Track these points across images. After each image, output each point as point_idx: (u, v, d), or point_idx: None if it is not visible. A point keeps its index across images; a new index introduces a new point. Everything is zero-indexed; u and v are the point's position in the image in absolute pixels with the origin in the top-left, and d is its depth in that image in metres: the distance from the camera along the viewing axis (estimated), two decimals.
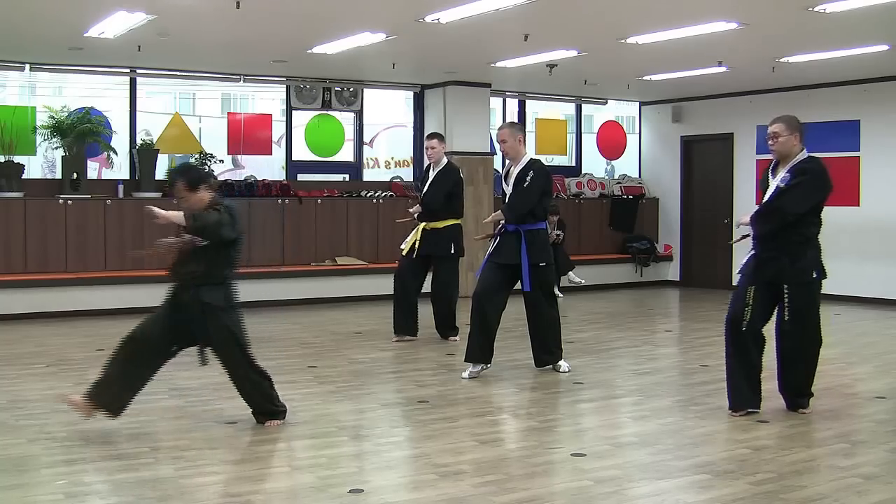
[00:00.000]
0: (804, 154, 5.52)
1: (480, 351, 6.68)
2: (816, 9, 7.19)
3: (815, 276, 5.49)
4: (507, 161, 6.92)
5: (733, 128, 12.80)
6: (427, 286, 8.29)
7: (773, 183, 5.49)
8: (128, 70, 10.78)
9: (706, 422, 5.49)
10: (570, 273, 12.22)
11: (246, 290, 10.44)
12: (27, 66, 10.38)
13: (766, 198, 5.51)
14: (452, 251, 8.14)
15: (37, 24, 8.15)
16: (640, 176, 14.34)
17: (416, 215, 8.22)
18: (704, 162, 13.46)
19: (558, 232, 12.31)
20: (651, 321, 10.45)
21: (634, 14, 7.71)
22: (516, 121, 7.23)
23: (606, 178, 14.25)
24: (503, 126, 6.94)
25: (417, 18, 7.68)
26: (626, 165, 14.75)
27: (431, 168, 8.28)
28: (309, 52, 9.41)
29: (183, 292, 5.05)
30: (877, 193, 11.32)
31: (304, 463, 4.73)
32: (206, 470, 4.49)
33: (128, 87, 11.01)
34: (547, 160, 14.09)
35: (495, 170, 12.64)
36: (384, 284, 9.62)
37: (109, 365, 5.01)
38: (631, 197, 13.77)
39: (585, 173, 13.99)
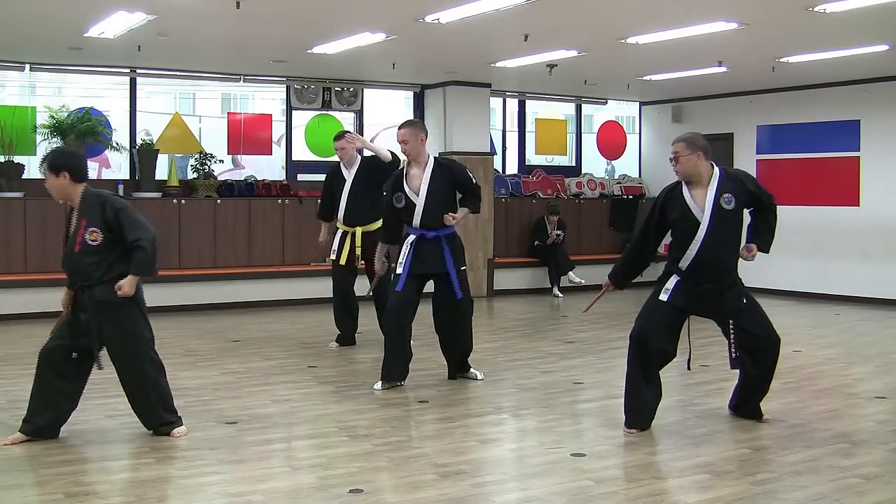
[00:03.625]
0: (718, 170, 5.22)
1: (402, 369, 6.39)
2: (816, 9, 7.19)
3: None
4: (406, 163, 6.52)
5: (733, 128, 12.79)
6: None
7: (705, 205, 5.13)
8: (128, 70, 10.78)
9: (706, 422, 5.49)
10: (570, 273, 12.24)
11: (246, 290, 10.65)
12: (27, 66, 10.38)
13: (703, 221, 5.12)
14: None
15: (37, 24, 8.14)
16: (640, 176, 14.34)
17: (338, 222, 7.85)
18: None
19: (558, 232, 12.34)
20: None
21: (634, 14, 7.71)
22: (418, 119, 6.81)
23: (606, 178, 14.25)
24: (404, 125, 6.48)
25: (417, 18, 7.68)
26: (626, 165, 14.75)
27: (345, 167, 7.91)
28: (309, 52, 9.41)
29: (80, 295, 4.82)
30: (877, 193, 11.32)
31: (304, 463, 4.73)
32: (206, 470, 4.49)
33: (128, 87, 11.01)
34: (547, 160, 14.16)
35: (495, 170, 12.65)
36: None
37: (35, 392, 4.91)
38: (631, 197, 13.77)
39: (585, 173, 14.00)
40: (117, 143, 10.68)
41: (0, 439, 4.87)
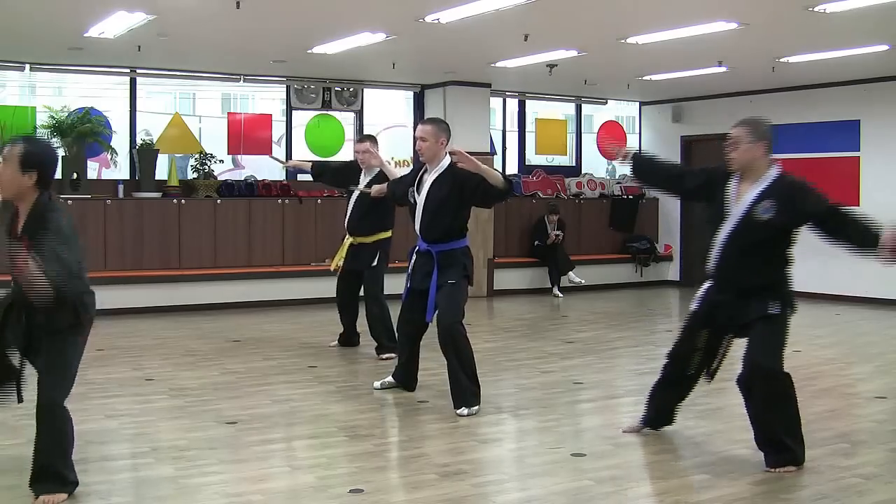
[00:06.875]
0: (775, 171, 4.56)
1: (402, 377, 6.26)
2: (816, 9, 7.19)
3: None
4: (422, 166, 5.98)
5: None
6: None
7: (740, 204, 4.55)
8: (128, 70, 10.78)
9: (706, 422, 5.49)
10: (570, 273, 12.24)
11: (246, 290, 10.65)
12: (27, 66, 10.38)
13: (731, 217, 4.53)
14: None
15: (37, 24, 8.15)
16: None
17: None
18: (704, 162, 13.33)
19: (558, 232, 12.34)
20: (651, 321, 10.45)
21: (634, 14, 7.71)
22: (443, 119, 6.18)
23: (607, 178, 14.25)
24: (427, 122, 5.95)
25: (417, 18, 7.67)
26: (627, 165, 14.71)
27: (364, 173, 7.44)
28: (309, 52, 9.41)
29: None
30: (877, 193, 11.30)
31: (304, 463, 4.73)
32: (206, 470, 4.49)
33: (128, 87, 11.01)
34: (547, 160, 14.16)
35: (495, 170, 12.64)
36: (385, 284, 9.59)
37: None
38: (631, 197, 13.77)
39: (585, 173, 14.00)
40: (114, 153, 10.64)
41: (2, 439, 4.87)
